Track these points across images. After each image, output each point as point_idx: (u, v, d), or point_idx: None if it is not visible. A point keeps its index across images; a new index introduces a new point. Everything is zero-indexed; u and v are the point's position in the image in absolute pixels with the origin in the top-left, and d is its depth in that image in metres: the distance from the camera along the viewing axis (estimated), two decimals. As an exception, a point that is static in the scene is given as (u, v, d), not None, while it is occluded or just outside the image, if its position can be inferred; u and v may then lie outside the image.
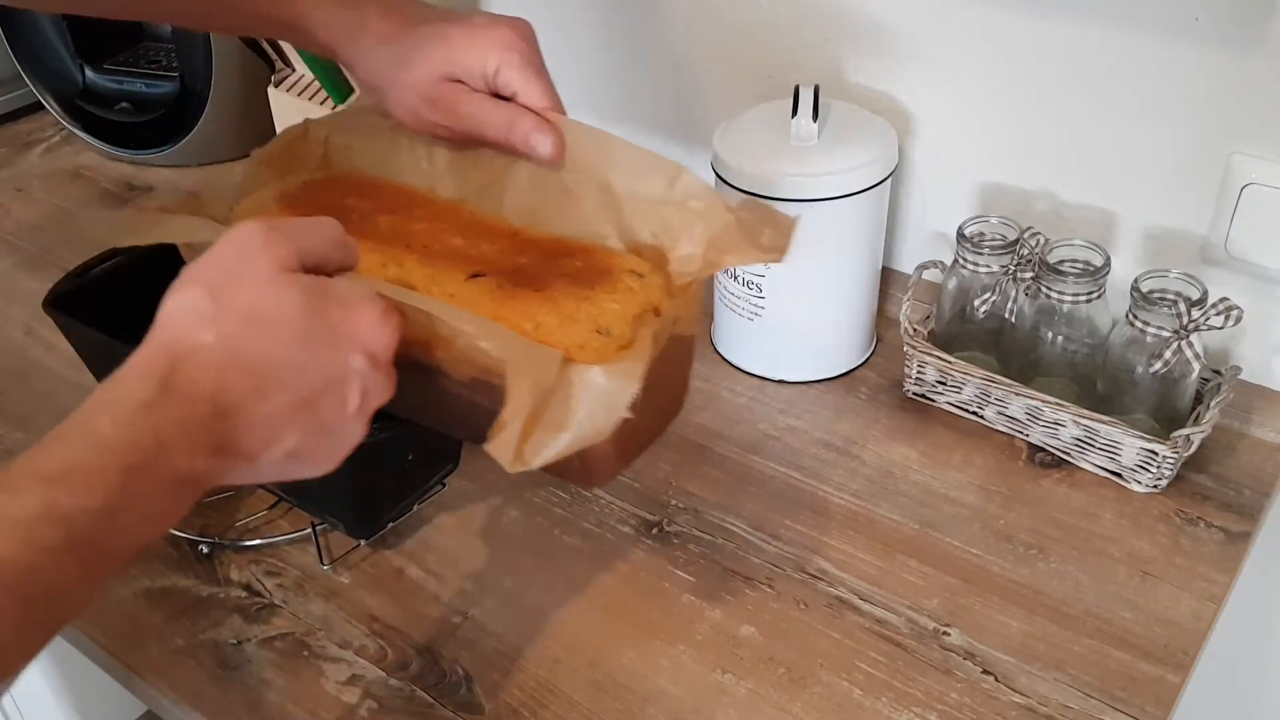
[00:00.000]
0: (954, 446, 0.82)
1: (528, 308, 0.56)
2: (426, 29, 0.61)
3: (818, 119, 0.81)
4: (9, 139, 1.30)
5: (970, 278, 0.81)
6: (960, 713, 0.64)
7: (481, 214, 0.64)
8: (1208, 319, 0.73)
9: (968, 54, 0.88)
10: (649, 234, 0.62)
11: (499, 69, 0.60)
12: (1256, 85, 0.77)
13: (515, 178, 0.64)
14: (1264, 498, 0.77)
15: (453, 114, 0.61)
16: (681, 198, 0.60)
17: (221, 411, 0.43)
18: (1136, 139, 0.83)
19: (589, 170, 0.62)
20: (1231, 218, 0.81)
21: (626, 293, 0.57)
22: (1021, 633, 0.68)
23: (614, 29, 1.08)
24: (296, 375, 0.45)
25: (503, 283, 0.58)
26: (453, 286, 0.58)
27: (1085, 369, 0.80)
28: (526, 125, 0.60)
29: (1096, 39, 0.81)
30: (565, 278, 0.58)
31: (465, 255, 0.60)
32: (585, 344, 0.55)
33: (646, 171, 0.61)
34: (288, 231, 0.47)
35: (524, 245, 0.61)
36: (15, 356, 0.95)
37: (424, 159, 0.67)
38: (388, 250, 0.60)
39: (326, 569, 0.74)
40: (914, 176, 0.96)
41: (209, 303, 0.44)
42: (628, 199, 0.62)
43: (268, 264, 0.46)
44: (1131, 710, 0.64)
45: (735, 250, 0.57)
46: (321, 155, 0.69)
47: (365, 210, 0.63)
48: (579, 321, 0.55)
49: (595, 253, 0.61)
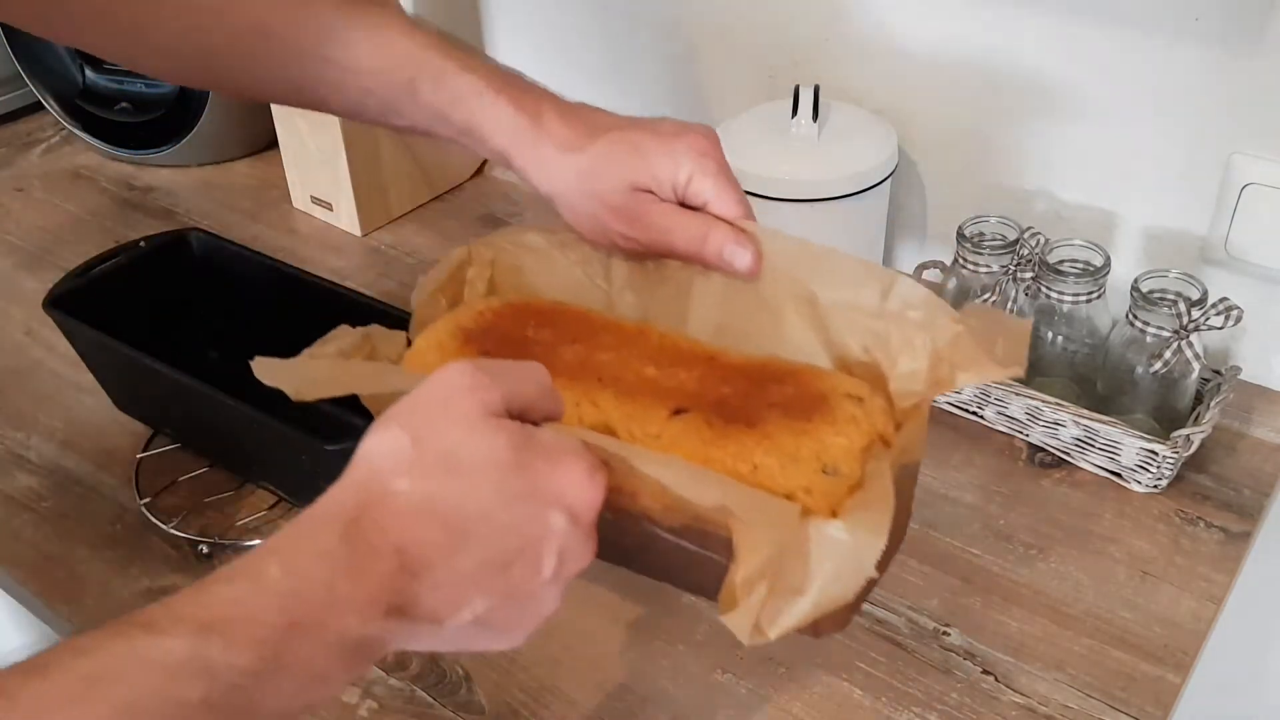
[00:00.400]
0: (954, 446, 0.82)
1: (742, 448, 0.50)
2: (612, 137, 0.58)
3: (818, 119, 0.81)
4: (9, 139, 1.30)
5: (970, 278, 0.81)
6: (960, 713, 0.64)
7: (672, 337, 0.58)
8: (1208, 319, 0.73)
9: (968, 53, 0.88)
10: (861, 349, 0.57)
11: (691, 177, 0.56)
12: (1257, 85, 0.77)
13: (702, 290, 0.60)
14: (1264, 498, 0.77)
15: (640, 224, 0.58)
16: (898, 308, 0.55)
17: (408, 567, 0.39)
18: (1136, 139, 0.83)
19: (788, 281, 0.57)
20: (1232, 218, 0.81)
21: (849, 422, 0.51)
22: (1021, 633, 0.68)
23: (614, 28, 1.08)
24: (494, 532, 0.41)
25: (710, 419, 0.52)
26: (655, 426, 0.52)
27: (1085, 369, 0.80)
28: (722, 237, 0.56)
29: (1097, 38, 0.81)
30: (777, 408, 0.52)
31: (663, 387, 0.54)
32: (812, 487, 0.49)
33: (855, 280, 0.56)
34: (495, 374, 0.43)
35: (725, 372, 0.55)
36: (15, 356, 0.95)
37: (599, 274, 0.63)
38: (579, 387, 0.54)
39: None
40: (914, 176, 0.96)
41: (408, 445, 0.41)
42: (834, 310, 0.57)
43: (474, 408, 0.42)
44: (1131, 710, 0.63)
45: (968, 366, 0.52)
46: (489, 279, 0.65)
47: (548, 341, 0.58)
48: (802, 461, 0.50)
49: (805, 375, 0.55)
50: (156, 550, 0.76)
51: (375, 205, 1.10)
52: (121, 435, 0.85)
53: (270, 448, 0.74)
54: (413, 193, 1.13)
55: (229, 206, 1.16)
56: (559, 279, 0.64)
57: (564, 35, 1.13)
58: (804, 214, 0.80)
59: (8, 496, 0.80)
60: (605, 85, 1.12)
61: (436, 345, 0.58)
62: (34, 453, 0.84)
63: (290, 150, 1.11)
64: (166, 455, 0.82)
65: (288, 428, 0.68)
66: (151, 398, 0.83)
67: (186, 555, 0.75)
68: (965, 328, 0.53)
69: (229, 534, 0.76)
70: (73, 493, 0.80)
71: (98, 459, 0.83)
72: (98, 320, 0.79)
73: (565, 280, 0.64)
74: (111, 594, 0.72)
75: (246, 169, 1.22)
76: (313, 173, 1.10)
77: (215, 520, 0.78)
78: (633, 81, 1.10)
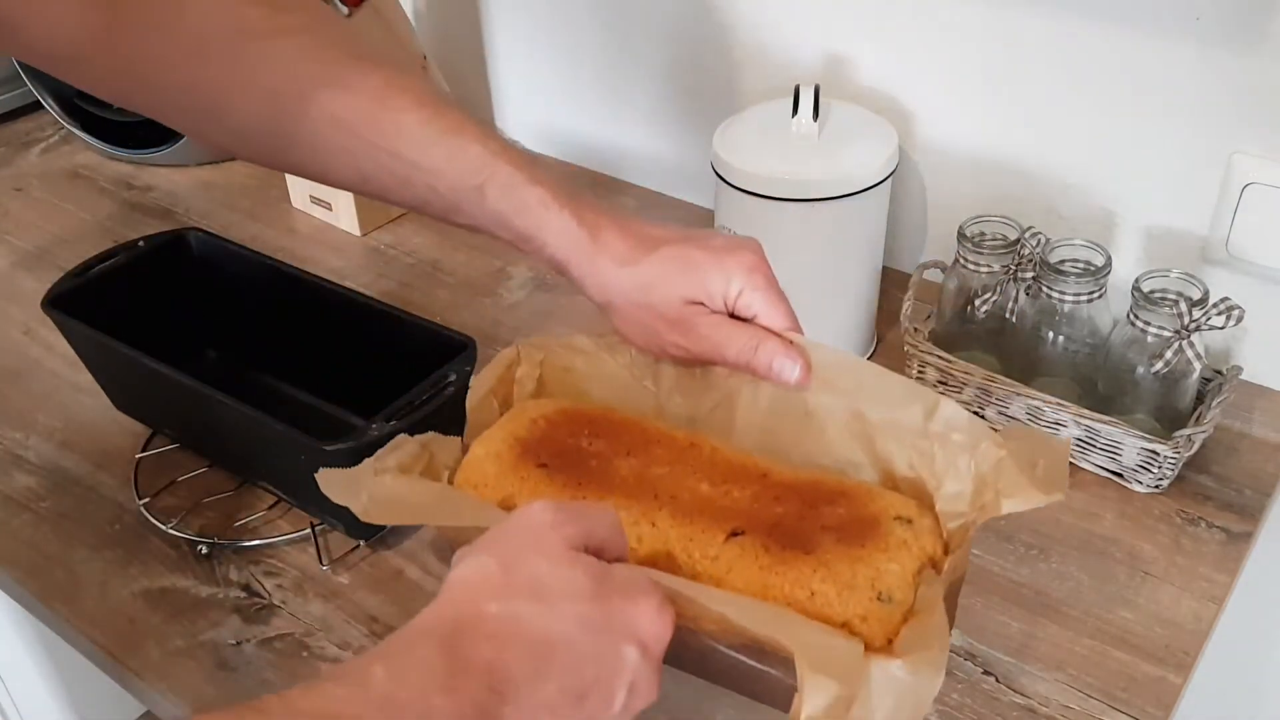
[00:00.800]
0: (954, 446, 0.82)
1: (800, 575, 0.52)
2: (666, 252, 0.60)
3: (818, 119, 0.81)
4: (8, 138, 1.30)
5: (971, 277, 0.81)
6: (960, 713, 0.64)
7: (724, 452, 0.60)
8: (1209, 319, 0.73)
9: (968, 53, 0.88)
10: (906, 465, 0.59)
11: (741, 291, 0.59)
12: (1258, 85, 0.77)
13: (751, 398, 0.63)
14: (1265, 498, 0.77)
15: (692, 335, 0.60)
16: (942, 430, 0.57)
17: (496, 688, 0.42)
18: (1138, 138, 0.83)
19: (837, 394, 0.60)
20: (1233, 217, 0.81)
21: (901, 547, 0.53)
22: (1022, 633, 0.68)
23: (615, 28, 1.08)
24: (574, 661, 0.44)
25: (767, 543, 0.54)
26: (713, 549, 0.55)
27: (1086, 369, 0.80)
28: (773, 349, 0.59)
29: (1098, 38, 0.81)
30: (831, 532, 0.54)
31: (718, 506, 0.57)
32: (867, 614, 0.51)
33: (901, 399, 0.59)
34: (574, 514, 0.47)
35: (778, 490, 0.57)
36: (15, 356, 0.94)
37: (647, 377, 0.65)
38: (637, 506, 0.57)
39: (325, 569, 0.74)
40: (914, 176, 0.96)
41: (498, 573, 0.44)
42: (881, 426, 0.59)
43: (558, 542, 0.45)
44: (1132, 710, 0.63)
45: (1013, 492, 0.54)
46: (538, 378, 0.67)
47: (603, 453, 0.60)
48: (857, 588, 0.52)
49: (856, 495, 0.57)
50: (156, 551, 0.75)
51: (374, 205, 1.10)
52: (121, 435, 0.84)
53: (268, 447, 0.74)
54: (412, 192, 1.13)
55: (228, 206, 1.16)
56: (608, 381, 0.66)
57: (565, 33, 1.12)
58: (804, 214, 0.80)
59: (6, 496, 0.80)
60: (606, 85, 1.12)
61: (494, 455, 0.60)
62: (33, 453, 0.84)
63: (290, 150, 1.11)
64: (165, 455, 0.82)
65: (286, 428, 0.68)
66: (150, 397, 0.83)
67: (186, 556, 0.75)
68: (1008, 452, 0.55)
69: (227, 534, 0.76)
70: (72, 493, 0.80)
71: (97, 459, 0.83)
72: (96, 320, 0.79)
73: (614, 382, 0.66)
74: (110, 594, 0.72)
75: (246, 169, 1.22)
76: (312, 172, 1.10)
77: (214, 520, 0.77)
78: (633, 81, 1.10)
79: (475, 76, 1.23)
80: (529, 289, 1.01)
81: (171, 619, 0.71)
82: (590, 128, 1.17)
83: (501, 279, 1.02)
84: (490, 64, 1.21)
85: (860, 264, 0.85)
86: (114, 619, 0.71)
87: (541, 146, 1.22)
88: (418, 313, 0.81)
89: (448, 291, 1.01)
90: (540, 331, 0.95)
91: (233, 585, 0.73)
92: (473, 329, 0.95)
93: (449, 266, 1.05)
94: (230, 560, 0.75)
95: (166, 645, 0.69)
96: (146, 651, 0.69)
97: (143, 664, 0.68)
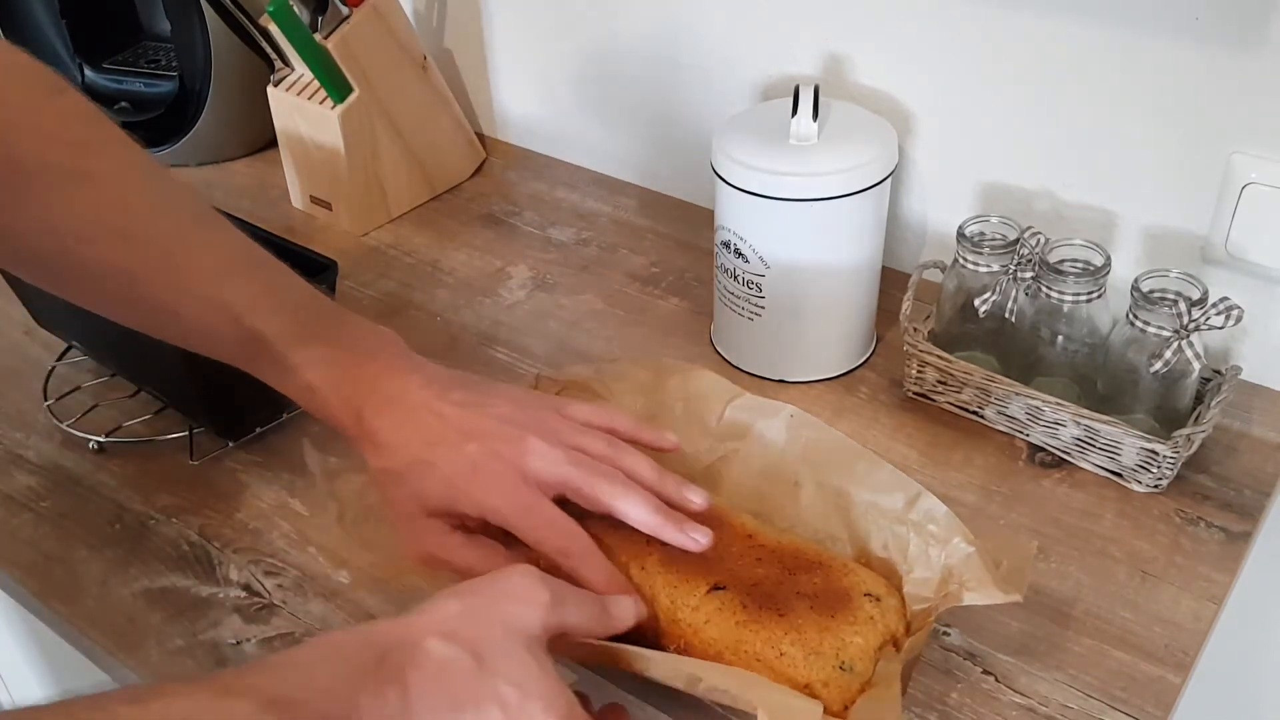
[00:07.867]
0: (954, 446, 0.82)
1: (772, 635, 0.57)
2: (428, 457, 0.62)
3: (818, 119, 0.81)
4: (8, 138, 1.30)
5: (970, 277, 0.81)
6: (960, 713, 0.64)
7: (718, 509, 0.63)
8: (1208, 319, 0.73)
9: (968, 53, 0.88)
10: (880, 545, 0.63)
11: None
12: (1257, 84, 0.77)
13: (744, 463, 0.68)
14: (1264, 498, 0.77)
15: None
16: (920, 519, 0.62)
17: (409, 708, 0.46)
18: (1137, 138, 0.83)
19: (826, 470, 0.66)
20: (1232, 217, 0.81)
21: (867, 623, 0.58)
22: (1021, 633, 0.68)
23: (614, 28, 1.08)
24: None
25: (745, 601, 0.58)
26: (695, 599, 0.59)
27: (1085, 369, 0.80)
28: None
29: (1097, 38, 0.81)
30: (805, 599, 0.58)
31: (704, 559, 0.60)
32: (829, 681, 0.56)
33: (886, 486, 0.63)
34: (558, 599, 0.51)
35: (761, 553, 0.61)
36: (15, 356, 0.94)
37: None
38: (630, 549, 0.61)
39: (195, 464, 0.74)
40: (914, 176, 0.96)
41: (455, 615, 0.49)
42: (862, 507, 0.64)
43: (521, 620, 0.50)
44: (1132, 710, 0.63)
45: (976, 587, 0.58)
46: None
47: None
48: (823, 655, 0.56)
49: (832, 569, 0.60)
50: (156, 550, 0.75)
51: (374, 205, 1.10)
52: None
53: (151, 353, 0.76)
54: (411, 192, 1.13)
55: (228, 206, 1.14)
56: None
57: (565, 34, 1.12)
58: (804, 214, 0.80)
59: (7, 496, 0.80)
60: (605, 84, 1.12)
61: None
62: (33, 452, 0.84)
63: (289, 150, 1.11)
64: (77, 364, 0.92)
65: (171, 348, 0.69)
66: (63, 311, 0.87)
67: (185, 556, 0.75)
68: (976, 549, 0.59)
69: (117, 432, 0.84)
70: (72, 493, 0.80)
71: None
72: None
73: None
74: (110, 594, 0.72)
75: (245, 169, 1.22)
76: (312, 173, 1.10)
77: (107, 420, 0.85)
78: (633, 81, 1.10)
79: (475, 76, 1.23)
80: (529, 289, 1.01)
81: (171, 618, 0.71)
82: (591, 127, 1.17)
83: (501, 279, 1.02)
84: (490, 64, 1.21)
85: (860, 264, 0.85)
86: (114, 618, 0.71)
87: (542, 146, 1.22)
88: (418, 312, 0.81)
89: (448, 291, 1.01)
90: (540, 331, 0.95)
91: (233, 585, 0.73)
92: (473, 329, 0.96)
93: (449, 266, 1.05)
94: (230, 559, 0.75)
95: (166, 644, 0.69)
96: (146, 651, 0.69)
97: (142, 663, 0.68)
